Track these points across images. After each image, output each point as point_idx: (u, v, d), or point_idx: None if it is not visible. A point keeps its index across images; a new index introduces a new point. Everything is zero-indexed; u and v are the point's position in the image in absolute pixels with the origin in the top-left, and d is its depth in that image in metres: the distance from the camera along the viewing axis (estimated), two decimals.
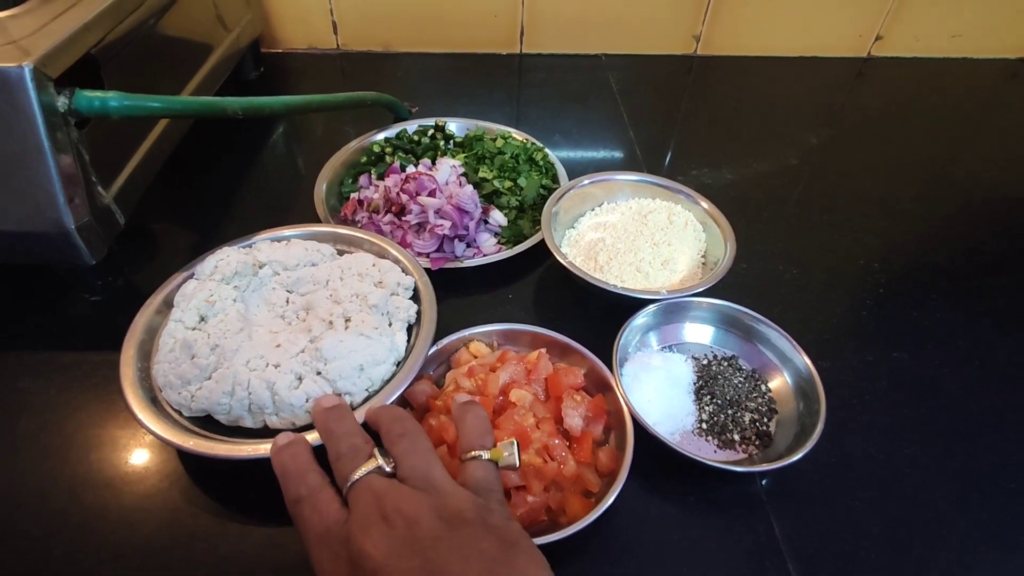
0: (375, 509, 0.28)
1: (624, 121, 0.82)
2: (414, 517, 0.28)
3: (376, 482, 0.30)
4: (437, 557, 0.26)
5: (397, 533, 0.27)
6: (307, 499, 0.30)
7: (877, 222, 0.67)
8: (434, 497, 0.29)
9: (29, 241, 0.46)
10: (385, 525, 0.28)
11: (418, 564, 0.26)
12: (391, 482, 0.30)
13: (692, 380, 0.48)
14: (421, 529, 0.27)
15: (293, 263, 0.49)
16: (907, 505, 0.43)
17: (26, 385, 0.47)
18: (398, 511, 0.28)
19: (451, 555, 0.26)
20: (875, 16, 0.93)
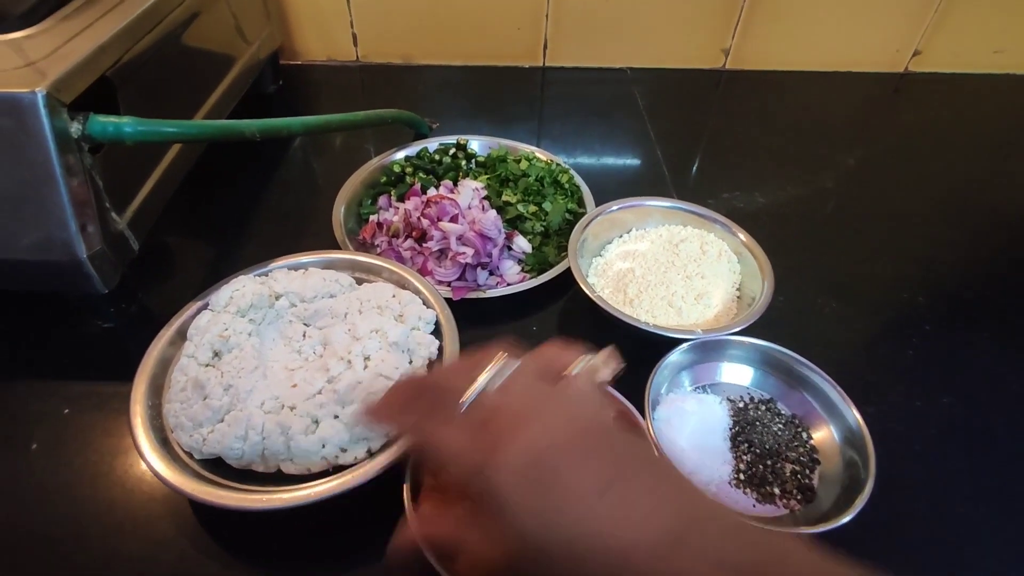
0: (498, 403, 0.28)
1: (651, 138, 0.79)
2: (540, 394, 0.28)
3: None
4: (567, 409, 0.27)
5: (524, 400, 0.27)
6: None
7: (920, 251, 0.64)
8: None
9: (40, 270, 0.45)
10: (505, 394, 0.28)
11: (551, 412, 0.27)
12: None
13: (728, 425, 0.46)
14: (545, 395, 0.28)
15: (310, 294, 0.47)
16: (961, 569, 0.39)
17: (35, 416, 0.46)
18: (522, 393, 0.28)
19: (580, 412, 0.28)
20: (914, 30, 0.90)
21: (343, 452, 0.39)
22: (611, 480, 0.25)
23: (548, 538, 0.24)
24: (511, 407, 0.27)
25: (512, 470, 0.25)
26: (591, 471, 0.25)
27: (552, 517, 0.24)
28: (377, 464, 0.38)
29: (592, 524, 0.24)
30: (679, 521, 0.25)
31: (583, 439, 0.26)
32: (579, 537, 0.24)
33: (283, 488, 0.38)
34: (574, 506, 0.24)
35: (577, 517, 0.24)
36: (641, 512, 0.25)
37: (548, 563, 0.24)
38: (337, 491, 0.37)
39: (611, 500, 0.25)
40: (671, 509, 0.25)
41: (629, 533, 0.24)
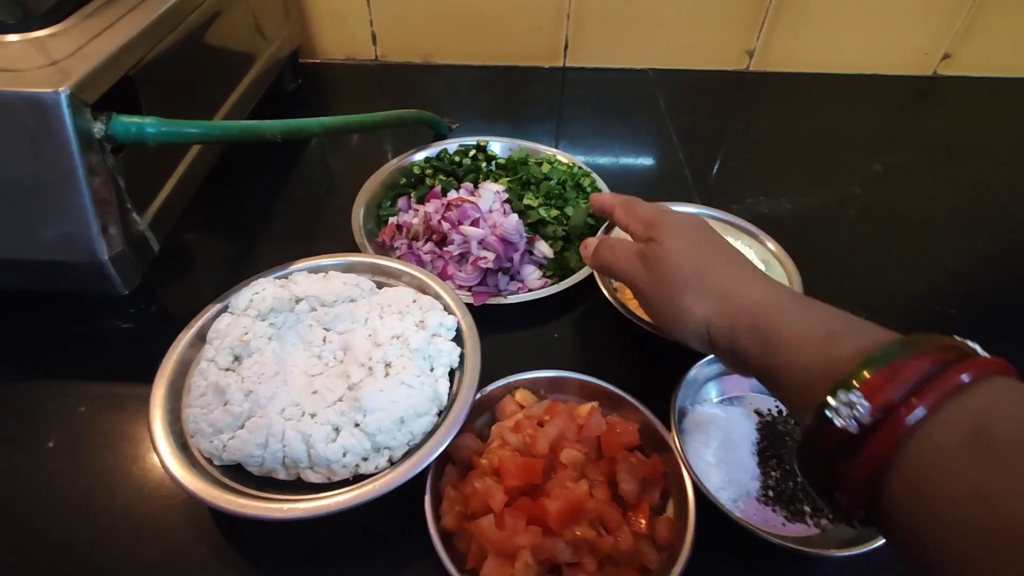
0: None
1: (673, 141, 0.78)
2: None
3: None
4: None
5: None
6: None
7: (950, 260, 0.62)
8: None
9: (61, 270, 0.45)
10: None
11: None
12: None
13: (755, 439, 0.44)
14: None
15: (331, 299, 0.46)
16: None
17: (52, 415, 0.45)
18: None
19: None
20: (944, 33, 0.88)
21: (364, 461, 0.39)
22: (728, 260, 0.39)
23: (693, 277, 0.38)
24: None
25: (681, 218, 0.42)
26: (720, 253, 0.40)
27: (706, 238, 0.41)
28: (398, 475, 0.37)
29: (731, 252, 0.40)
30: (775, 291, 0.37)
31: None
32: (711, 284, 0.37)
33: (303, 497, 0.37)
34: (719, 240, 0.41)
35: (723, 245, 0.40)
36: (746, 277, 0.38)
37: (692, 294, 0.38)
38: (357, 502, 0.36)
39: (730, 269, 0.38)
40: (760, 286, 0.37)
41: (743, 287, 0.37)
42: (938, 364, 0.25)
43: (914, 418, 0.24)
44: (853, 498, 0.26)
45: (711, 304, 0.36)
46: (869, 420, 0.25)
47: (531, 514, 0.36)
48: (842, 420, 0.26)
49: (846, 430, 0.26)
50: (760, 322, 0.33)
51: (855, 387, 0.26)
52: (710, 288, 0.37)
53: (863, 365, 0.26)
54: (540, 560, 0.35)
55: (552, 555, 0.35)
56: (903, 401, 0.25)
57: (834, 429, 0.26)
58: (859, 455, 0.25)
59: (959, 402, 0.24)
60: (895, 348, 0.27)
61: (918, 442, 0.24)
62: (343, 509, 0.36)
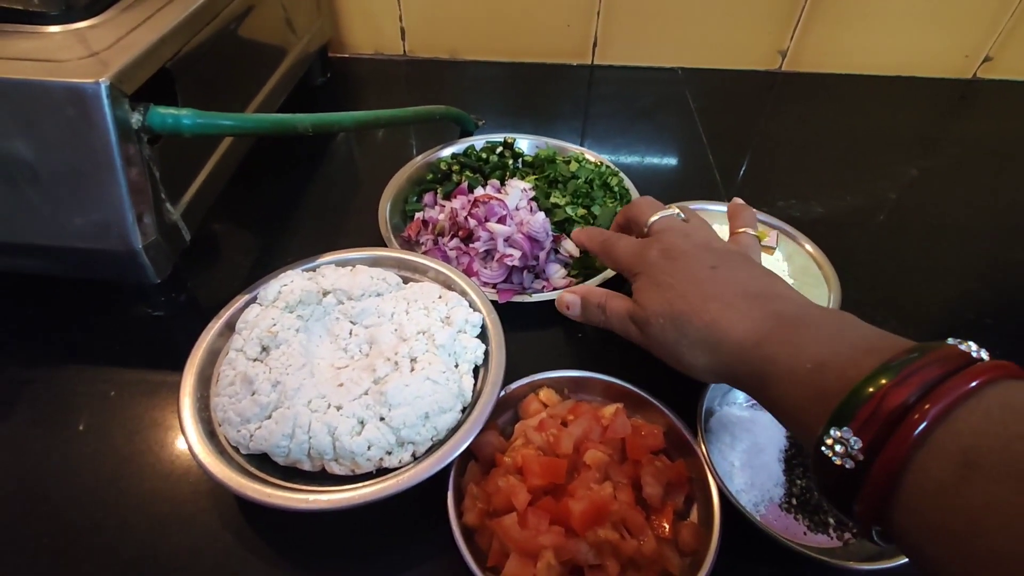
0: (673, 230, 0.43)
1: (702, 141, 0.77)
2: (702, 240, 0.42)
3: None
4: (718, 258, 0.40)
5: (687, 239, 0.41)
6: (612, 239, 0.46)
7: (986, 268, 0.61)
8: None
9: (95, 258, 0.45)
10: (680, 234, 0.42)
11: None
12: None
13: (783, 446, 0.44)
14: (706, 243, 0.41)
15: (358, 292, 0.47)
16: None
17: (84, 401, 0.46)
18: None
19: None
20: (985, 35, 0.85)
21: (388, 455, 0.39)
22: (718, 264, 0.38)
23: (678, 291, 0.38)
24: (671, 226, 0.43)
25: (657, 254, 0.41)
26: (706, 257, 0.39)
27: (681, 278, 0.38)
28: (422, 470, 0.37)
29: (706, 286, 0.37)
30: (764, 296, 0.36)
31: (707, 245, 0.41)
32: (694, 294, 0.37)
33: (327, 489, 0.37)
34: (696, 273, 0.38)
35: (698, 279, 0.38)
36: (738, 280, 0.37)
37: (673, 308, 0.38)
38: (380, 495, 0.36)
39: (719, 274, 0.38)
40: (757, 285, 0.37)
41: (729, 289, 0.37)
42: (923, 387, 0.24)
43: (904, 451, 0.24)
44: (865, 525, 0.26)
45: (706, 357, 0.36)
46: (862, 457, 0.25)
47: (554, 514, 0.36)
48: (839, 459, 0.25)
49: (843, 467, 0.25)
50: (752, 364, 0.33)
51: (845, 423, 0.25)
52: (695, 342, 0.36)
53: (850, 399, 0.26)
54: (562, 561, 0.34)
55: (575, 556, 0.35)
56: (891, 434, 0.24)
57: (833, 466, 0.26)
58: (861, 490, 0.25)
59: (948, 429, 0.23)
60: (880, 375, 0.26)
61: (913, 475, 0.24)
62: (367, 502, 0.36)
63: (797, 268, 0.54)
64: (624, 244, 0.44)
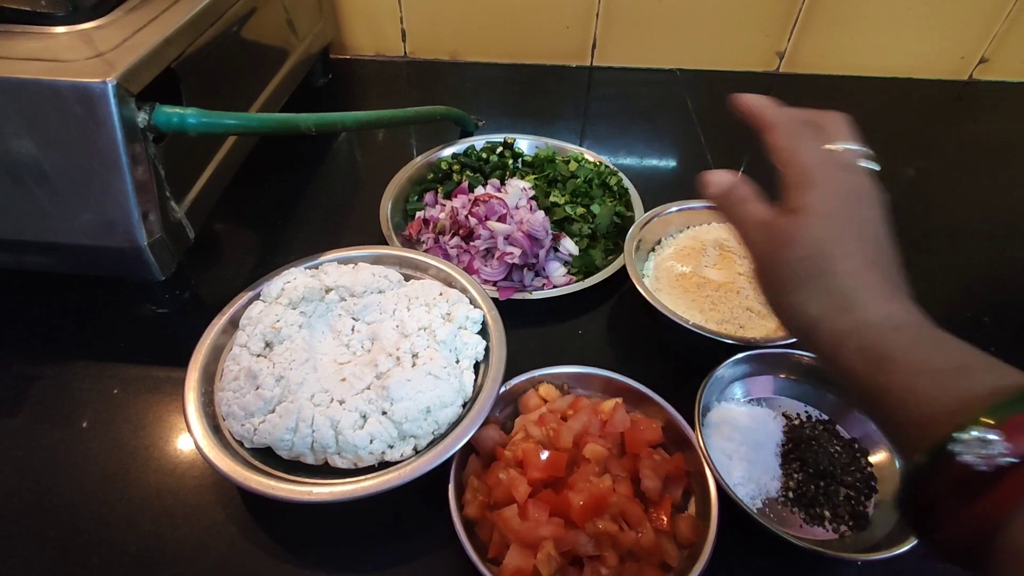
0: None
1: (701, 142, 0.78)
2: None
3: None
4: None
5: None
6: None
7: (984, 268, 0.61)
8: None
9: (101, 255, 0.46)
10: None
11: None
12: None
13: (780, 441, 0.44)
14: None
15: (360, 289, 0.47)
16: None
17: (89, 398, 0.47)
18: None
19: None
20: (981, 37, 0.86)
21: (390, 448, 0.39)
22: (870, 262, 0.33)
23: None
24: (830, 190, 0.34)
25: (845, 183, 0.35)
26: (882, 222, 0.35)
27: (855, 222, 0.34)
28: (423, 463, 0.38)
29: (871, 247, 0.33)
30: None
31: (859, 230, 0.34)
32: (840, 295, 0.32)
33: (330, 482, 0.38)
34: (873, 228, 0.34)
35: (868, 235, 0.34)
36: (878, 288, 0.32)
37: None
38: (383, 488, 0.37)
39: (864, 275, 0.32)
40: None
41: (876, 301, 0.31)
42: None
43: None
44: (961, 540, 0.25)
45: (824, 310, 0.32)
46: (1005, 461, 0.23)
47: (554, 506, 0.36)
48: (971, 458, 0.24)
49: (972, 468, 0.24)
50: (877, 343, 0.30)
51: (991, 425, 0.24)
52: (830, 291, 0.32)
53: (1005, 405, 0.25)
54: (562, 552, 0.35)
55: (574, 547, 0.35)
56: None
57: (956, 466, 0.24)
58: (984, 496, 0.24)
59: None
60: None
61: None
62: (369, 494, 0.37)
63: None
64: (812, 147, 0.37)
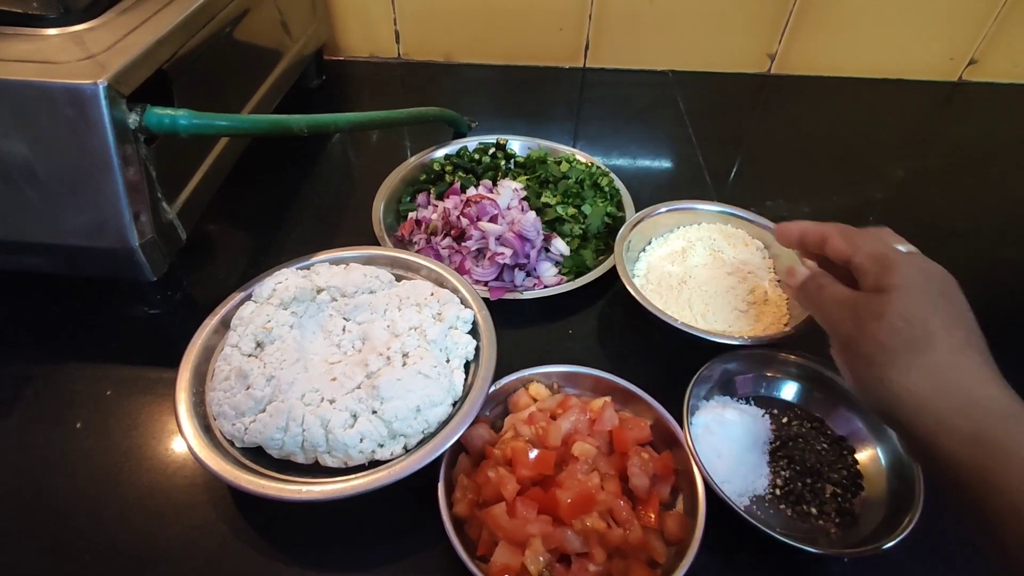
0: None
1: (692, 143, 0.78)
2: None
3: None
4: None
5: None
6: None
7: (974, 269, 0.62)
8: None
9: (93, 256, 0.46)
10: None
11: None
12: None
13: (768, 439, 0.45)
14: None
15: (351, 290, 0.48)
16: None
17: (82, 398, 0.47)
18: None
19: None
20: (970, 38, 0.87)
21: (380, 447, 0.40)
22: (966, 343, 0.32)
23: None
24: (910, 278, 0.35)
25: (921, 270, 0.35)
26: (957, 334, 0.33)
27: (942, 303, 0.34)
28: (413, 462, 0.38)
29: (949, 363, 0.31)
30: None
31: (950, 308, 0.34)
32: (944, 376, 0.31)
33: (320, 480, 0.38)
34: (959, 312, 0.34)
35: (956, 316, 0.33)
36: (985, 371, 0.31)
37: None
38: (372, 486, 0.37)
39: (968, 355, 0.32)
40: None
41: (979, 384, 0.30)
42: None
43: None
44: None
45: (923, 387, 0.30)
46: None
47: (542, 504, 0.37)
48: None
49: None
50: (990, 431, 0.28)
51: None
52: (929, 367, 0.30)
53: None
54: (550, 549, 0.35)
55: (562, 544, 0.36)
56: None
57: None
58: None
59: None
60: None
61: None
62: (359, 493, 0.37)
63: (783, 265, 0.55)
64: (877, 240, 0.38)
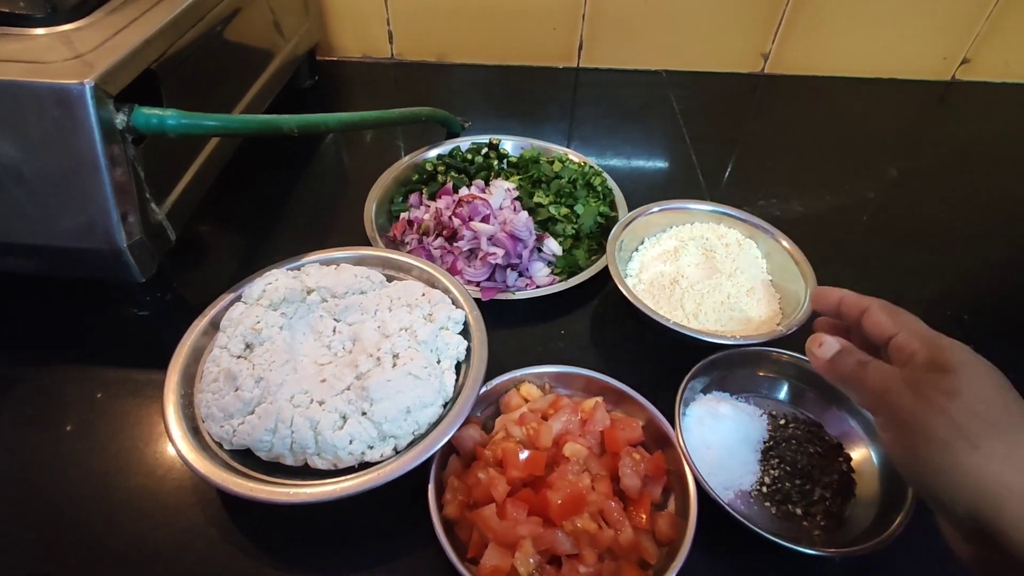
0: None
1: (686, 142, 0.78)
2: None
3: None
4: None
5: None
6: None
7: (965, 267, 0.62)
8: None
9: (81, 257, 0.46)
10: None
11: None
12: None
13: (763, 438, 0.44)
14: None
15: (342, 290, 0.47)
16: None
17: (71, 400, 0.47)
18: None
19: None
20: (963, 38, 0.87)
21: (370, 449, 0.39)
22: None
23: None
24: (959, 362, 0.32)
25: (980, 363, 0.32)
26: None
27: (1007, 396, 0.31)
28: (403, 463, 0.38)
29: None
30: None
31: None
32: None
33: (309, 483, 0.38)
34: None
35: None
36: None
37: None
38: (361, 488, 0.37)
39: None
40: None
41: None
42: None
43: None
44: None
45: (1009, 475, 0.28)
46: None
47: (533, 505, 0.37)
48: None
49: None
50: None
51: None
52: (1016, 453, 0.28)
53: None
54: (540, 550, 0.35)
55: (552, 546, 0.35)
56: None
57: None
58: None
59: None
60: None
61: None
62: (348, 495, 0.37)
63: (776, 265, 0.55)
64: (917, 321, 0.36)
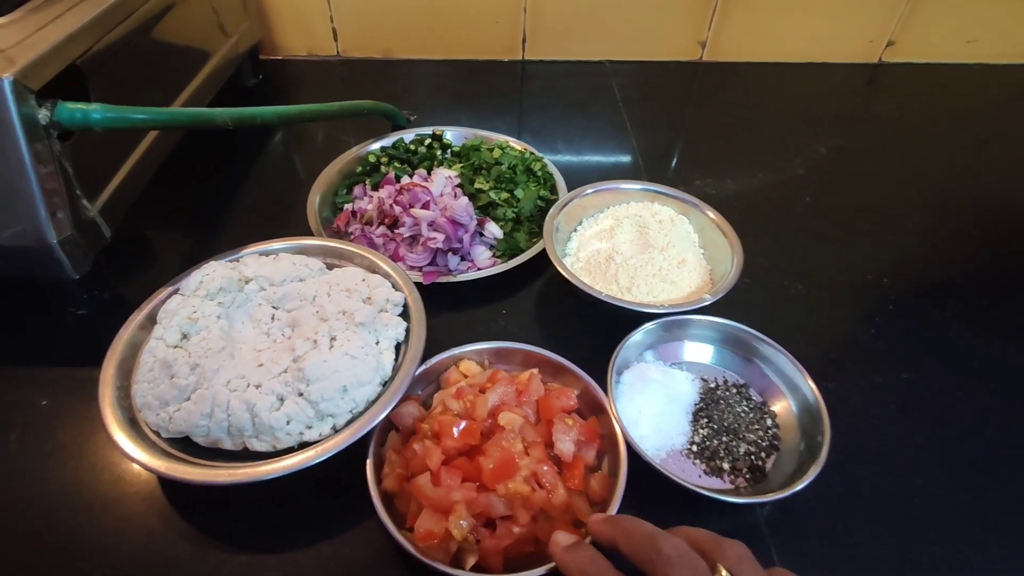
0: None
1: (627, 129, 0.80)
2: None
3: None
4: None
5: None
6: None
7: (888, 236, 0.65)
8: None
9: (11, 255, 0.45)
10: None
11: None
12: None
13: (694, 400, 0.46)
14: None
15: (280, 278, 0.48)
16: (918, 540, 0.40)
17: (11, 405, 0.46)
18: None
19: None
20: (886, 21, 0.91)
21: (308, 429, 0.40)
22: None
23: None
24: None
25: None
26: None
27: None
28: (340, 440, 0.39)
29: None
30: None
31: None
32: None
33: (247, 464, 0.38)
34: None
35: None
36: None
37: None
38: (301, 466, 0.38)
39: None
40: None
41: None
42: None
43: None
44: None
45: None
46: None
47: (467, 472, 0.38)
48: None
49: None
50: None
51: None
52: None
53: None
54: (475, 513, 0.36)
55: (487, 509, 0.36)
56: None
57: None
58: None
59: None
60: None
61: None
62: (287, 473, 0.37)
63: (707, 239, 0.57)
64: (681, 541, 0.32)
